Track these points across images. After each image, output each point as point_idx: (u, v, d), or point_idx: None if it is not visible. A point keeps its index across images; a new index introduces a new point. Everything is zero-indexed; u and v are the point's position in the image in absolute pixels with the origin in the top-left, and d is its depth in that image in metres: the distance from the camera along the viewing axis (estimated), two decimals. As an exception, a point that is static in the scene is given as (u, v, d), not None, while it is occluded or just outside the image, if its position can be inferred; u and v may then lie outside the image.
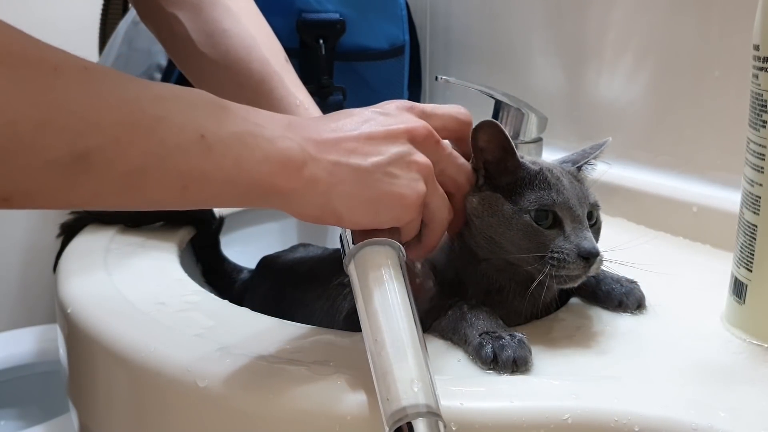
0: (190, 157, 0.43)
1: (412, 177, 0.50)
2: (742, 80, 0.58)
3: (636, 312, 0.61)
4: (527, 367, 0.51)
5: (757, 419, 0.47)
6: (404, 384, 0.43)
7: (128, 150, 0.41)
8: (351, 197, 0.48)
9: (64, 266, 0.73)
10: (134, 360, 0.55)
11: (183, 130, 0.43)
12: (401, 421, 0.41)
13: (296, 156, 0.46)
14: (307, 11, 1.01)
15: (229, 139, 0.44)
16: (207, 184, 0.44)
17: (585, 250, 0.53)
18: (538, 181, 0.56)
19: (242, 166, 0.45)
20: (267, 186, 0.46)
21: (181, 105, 0.44)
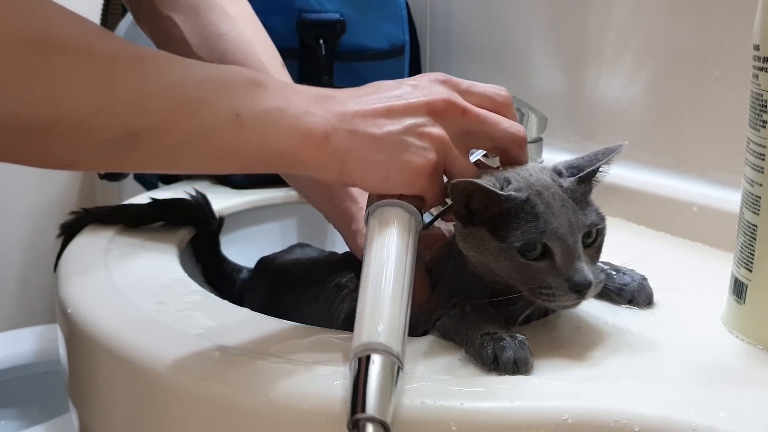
0: (225, 133, 0.48)
1: (423, 146, 0.53)
2: (742, 80, 0.58)
3: (645, 308, 0.61)
4: (527, 368, 0.51)
5: (758, 419, 0.47)
6: (371, 324, 0.47)
7: (172, 130, 0.47)
8: (364, 162, 0.52)
9: (64, 266, 0.73)
10: (134, 360, 0.55)
11: (221, 110, 0.48)
12: (360, 354, 0.46)
13: (318, 129, 0.51)
14: (307, 11, 1.01)
15: (260, 115, 0.49)
16: (239, 156, 0.50)
17: (576, 284, 0.51)
18: (524, 212, 0.52)
19: (270, 140, 0.50)
20: (291, 157, 0.51)
21: (221, 86, 0.49)
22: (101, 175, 1.12)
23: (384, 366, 0.45)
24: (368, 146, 0.52)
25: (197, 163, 0.50)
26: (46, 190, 1.66)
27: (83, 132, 0.44)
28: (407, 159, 0.53)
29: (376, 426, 0.43)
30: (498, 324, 0.54)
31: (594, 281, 0.52)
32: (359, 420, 0.43)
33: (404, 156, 0.53)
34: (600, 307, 0.61)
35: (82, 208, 0.84)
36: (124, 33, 1.08)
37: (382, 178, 0.53)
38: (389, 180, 0.53)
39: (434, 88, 0.55)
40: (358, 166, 0.52)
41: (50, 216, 1.47)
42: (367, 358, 0.45)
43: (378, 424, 0.43)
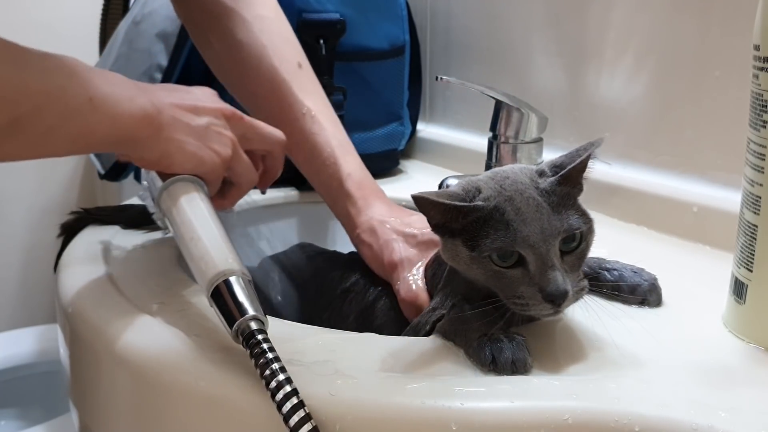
0: (83, 116, 0.53)
1: (224, 142, 0.64)
2: (742, 80, 0.58)
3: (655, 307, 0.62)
4: (526, 368, 0.51)
5: (758, 419, 0.47)
6: (221, 257, 0.55)
7: (45, 116, 0.51)
8: (183, 149, 0.60)
9: (64, 266, 0.73)
10: (134, 360, 0.55)
11: (78, 95, 0.53)
12: (218, 280, 0.52)
13: (151, 111, 0.58)
14: (308, 11, 1.01)
15: (107, 99, 0.55)
16: (91, 137, 0.56)
17: (548, 294, 0.50)
18: (494, 221, 0.52)
19: (116, 121, 0.56)
20: (132, 135, 0.57)
21: (72, 72, 0.53)
22: (101, 175, 1.12)
23: (242, 280, 0.53)
24: (187, 134, 0.61)
25: (58, 147, 0.54)
26: (46, 190, 1.66)
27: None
28: (216, 149, 0.62)
29: (256, 322, 0.50)
30: (496, 325, 0.54)
31: (571, 291, 0.51)
32: (240, 323, 0.50)
33: (213, 146, 0.62)
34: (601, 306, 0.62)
35: (82, 208, 0.84)
36: (124, 33, 1.07)
37: (197, 163, 0.62)
38: (203, 164, 0.62)
39: (214, 98, 0.66)
40: (179, 151, 0.60)
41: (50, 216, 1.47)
42: (218, 287, 0.52)
43: (256, 320, 0.50)
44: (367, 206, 0.74)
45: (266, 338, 0.49)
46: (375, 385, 0.50)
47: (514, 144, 0.81)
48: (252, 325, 0.50)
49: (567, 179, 0.54)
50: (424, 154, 1.17)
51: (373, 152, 1.06)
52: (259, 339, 0.49)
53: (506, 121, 0.81)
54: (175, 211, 0.61)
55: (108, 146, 0.58)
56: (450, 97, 1.15)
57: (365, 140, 1.06)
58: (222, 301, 0.52)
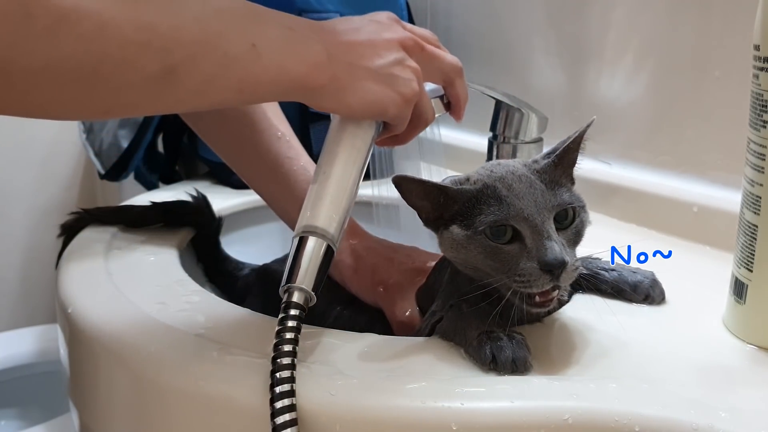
0: (246, 64, 0.49)
1: (409, 77, 0.57)
2: (742, 80, 0.58)
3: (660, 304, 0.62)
4: (526, 367, 0.51)
5: (758, 419, 0.47)
6: (328, 213, 0.53)
7: (201, 63, 0.47)
8: (363, 93, 0.55)
9: (64, 266, 0.73)
10: (134, 360, 0.55)
11: (239, 41, 0.49)
12: (299, 234, 0.52)
13: (323, 58, 0.53)
14: (308, 11, 1.01)
15: (273, 44, 0.51)
16: (258, 86, 0.51)
17: (545, 263, 0.50)
18: (485, 197, 0.53)
19: (284, 68, 0.51)
20: (302, 84, 0.52)
21: (233, 17, 0.50)
22: (101, 175, 1.12)
23: (316, 247, 0.52)
24: (365, 77, 0.55)
25: (221, 96, 0.51)
26: (46, 190, 1.66)
27: (127, 71, 0.44)
28: (400, 90, 0.56)
29: (301, 293, 0.50)
30: (495, 323, 0.54)
31: (569, 261, 0.51)
32: (290, 288, 0.50)
33: (397, 87, 0.56)
34: (600, 307, 0.62)
35: (82, 209, 0.84)
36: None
37: (379, 108, 0.56)
38: (385, 110, 0.56)
39: (395, 26, 0.60)
40: (359, 98, 0.55)
41: (50, 216, 1.47)
42: (304, 239, 0.52)
43: (303, 291, 0.50)
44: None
45: (299, 316, 0.49)
46: (375, 385, 0.50)
47: (514, 144, 0.81)
48: (295, 296, 0.50)
49: (561, 160, 0.55)
50: (424, 154, 1.17)
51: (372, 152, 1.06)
52: (291, 314, 0.49)
53: (506, 121, 0.81)
54: (334, 135, 0.57)
55: (279, 96, 0.54)
56: (450, 97, 1.15)
57: (365, 140, 1.06)
58: (295, 255, 0.52)
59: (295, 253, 0.52)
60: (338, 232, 0.53)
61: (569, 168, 0.56)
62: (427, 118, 0.60)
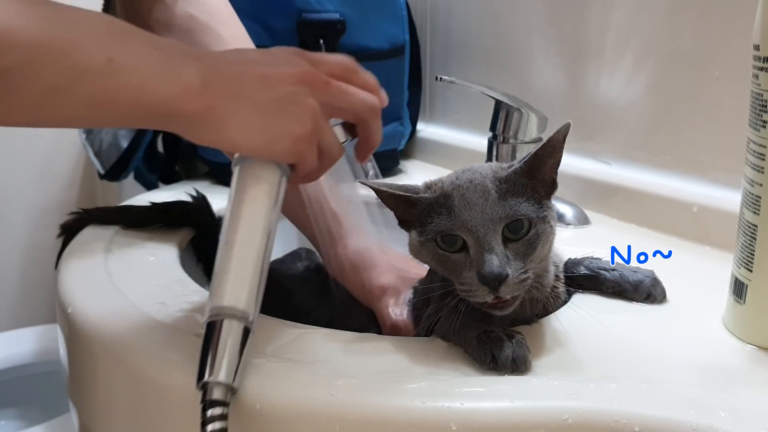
0: (99, 79, 0.46)
1: (301, 114, 0.52)
2: (742, 80, 0.58)
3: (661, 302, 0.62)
4: (527, 366, 0.51)
5: (758, 419, 0.47)
6: (224, 287, 0.48)
7: (41, 71, 0.44)
8: (247, 126, 0.51)
9: (64, 266, 0.73)
10: (134, 360, 0.55)
11: (93, 54, 0.46)
12: (213, 318, 0.48)
13: (196, 82, 0.49)
14: (308, 11, 1.01)
15: (135, 62, 0.47)
16: (113, 106, 0.48)
17: (482, 276, 0.50)
18: (438, 206, 0.54)
19: (146, 89, 0.48)
20: (168, 109, 0.49)
21: (92, 29, 0.47)
22: (101, 175, 1.12)
23: (235, 331, 0.47)
24: (248, 109, 0.51)
25: (67, 110, 0.47)
26: (46, 190, 1.66)
27: None
28: (290, 126, 0.52)
29: (222, 389, 0.46)
30: (493, 321, 0.54)
31: (512, 275, 0.50)
32: (207, 384, 0.46)
33: (287, 122, 0.52)
34: (601, 306, 0.62)
35: (82, 209, 0.84)
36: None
37: (266, 143, 0.52)
38: (273, 146, 0.52)
39: (294, 60, 0.55)
40: (242, 132, 0.51)
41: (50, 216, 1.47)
42: (219, 322, 0.47)
43: (224, 387, 0.46)
44: (353, 232, 0.73)
45: (223, 415, 0.45)
46: (375, 385, 0.50)
47: (514, 144, 0.81)
48: (216, 392, 0.46)
49: (530, 169, 0.54)
50: (424, 154, 1.17)
51: (372, 152, 1.06)
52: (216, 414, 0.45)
53: (506, 121, 0.81)
54: (234, 194, 0.52)
55: (143, 120, 0.50)
56: (450, 97, 1.15)
57: (365, 140, 1.06)
58: (207, 342, 0.47)
59: (205, 342, 0.47)
60: (251, 305, 0.49)
61: (547, 173, 0.55)
62: (332, 155, 0.56)
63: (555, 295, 0.60)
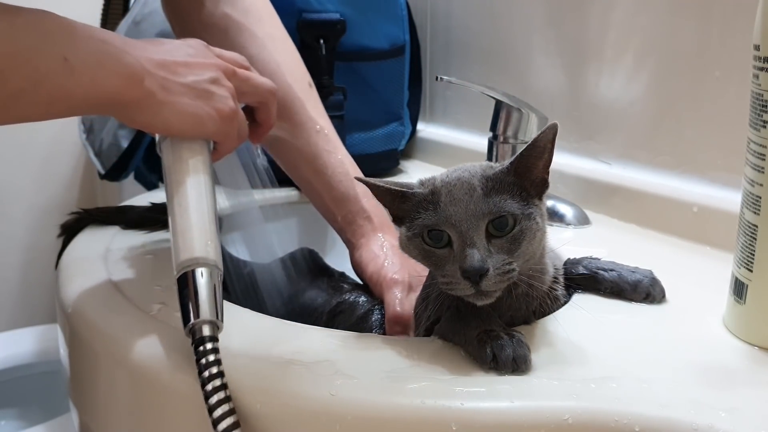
0: (57, 78, 0.50)
1: (225, 95, 0.59)
2: (742, 80, 0.58)
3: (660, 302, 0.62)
4: (527, 365, 0.51)
5: (758, 419, 0.47)
6: (200, 241, 0.53)
7: (10, 77, 0.48)
8: (178, 108, 0.56)
9: (64, 266, 0.73)
10: (134, 360, 0.55)
11: (51, 55, 0.50)
12: (189, 268, 0.52)
13: (138, 71, 0.54)
14: (308, 11, 1.01)
15: (86, 58, 0.51)
16: (68, 100, 0.52)
17: (463, 270, 0.51)
18: (427, 202, 0.55)
19: (97, 81, 0.52)
20: (115, 98, 0.53)
21: (46, 32, 0.50)
22: (101, 175, 1.12)
23: (210, 275, 0.52)
24: (181, 93, 0.56)
25: (30, 111, 0.51)
26: (46, 190, 1.66)
27: None
28: (217, 106, 0.58)
29: (210, 326, 0.50)
30: (494, 321, 0.54)
31: (491, 268, 0.51)
32: (194, 325, 0.49)
33: (214, 104, 0.57)
34: (601, 306, 0.62)
35: (82, 209, 0.84)
36: (124, 33, 1.07)
37: (196, 124, 0.57)
38: (203, 126, 0.57)
39: (204, 51, 0.61)
40: (176, 115, 0.56)
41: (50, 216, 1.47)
42: (186, 274, 0.51)
43: (210, 323, 0.50)
44: (382, 229, 0.75)
45: (215, 348, 0.49)
46: (375, 385, 0.50)
47: (514, 144, 0.81)
48: (205, 330, 0.49)
49: (518, 168, 0.54)
50: (424, 154, 1.17)
51: (373, 152, 1.06)
52: (208, 348, 0.48)
53: (506, 121, 0.81)
54: (173, 166, 0.57)
55: (93, 110, 0.56)
56: (450, 97, 1.15)
57: (365, 140, 1.06)
58: (185, 292, 0.51)
59: (183, 291, 0.51)
60: (218, 255, 0.53)
61: (537, 173, 0.55)
62: (244, 134, 0.62)
63: (553, 297, 0.60)
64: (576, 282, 0.63)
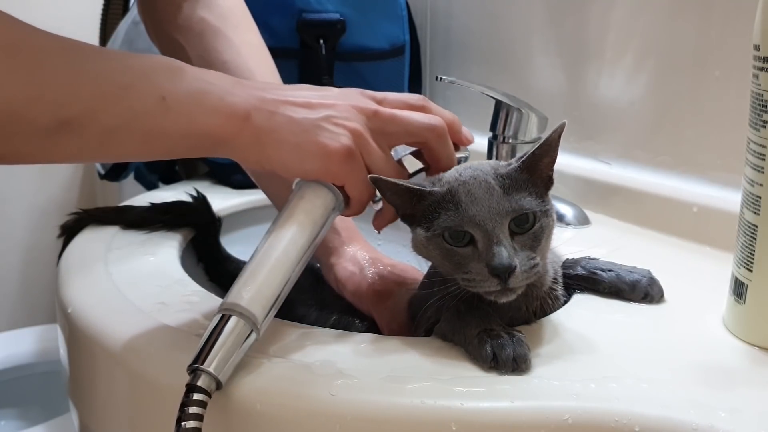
0: (152, 117, 0.50)
1: (337, 131, 0.54)
2: (742, 80, 0.58)
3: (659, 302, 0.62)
4: (527, 365, 0.51)
5: (758, 419, 0.47)
6: (241, 287, 0.51)
7: (101, 116, 0.48)
8: (282, 144, 0.54)
9: (64, 266, 0.73)
10: (134, 360, 0.55)
11: (146, 94, 0.50)
12: (227, 312, 0.49)
13: (241, 109, 0.53)
14: (308, 11, 1.01)
15: (184, 98, 0.51)
16: (165, 139, 0.52)
17: (493, 268, 0.51)
18: (445, 201, 0.54)
19: (195, 120, 0.51)
20: (215, 137, 0.52)
21: (144, 72, 0.51)
22: (101, 175, 1.12)
23: (237, 328, 0.49)
24: (286, 129, 0.53)
25: (126, 148, 0.52)
26: (46, 191, 1.66)
27: (15, 123, 0.46)
28: (321, 141, 0.53)
29: (209, 379, 0.47)
30: (494, 321, 0.54)
31: (518, 265, 0.51)
32: (197, 369, 0.47)
33: (318, 138, 0.53)
34: (601, 306, 0.62)
35: (82, 209, 0.84)
36: (124, 33, 1.07)
37: (298, 161, 0.54)
38: (304, 163, 0.54)
39: (351, 93, 0.58)
40: (277, 149, 0.53)
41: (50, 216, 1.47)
42: (228, 317, 0.49)
43: (212, 378, 0.47)
44: (352, 240, 0.74)
45: (201, 401, 0.46)
46: (375, 385, 0.50)
47: (514, 144, 0.81)
48: (201, 380, 0.47)
49: (529, 166, 0.55)
50: (424, 154, 1.17)
51: (373, 152, 1.06)
52: (193, 398, 0.46)
53: (506, 121, 0.81)
54: (284, 209, 0.55)
55: (192, 148, 0.54)
56: (450, 97, 1.15)
57: (365, 140, 1.06)
58: (210, 333, 0.49)
59: (211, 330, 0.49)
60: (263, 316, 0.50)
61: (544, 170, 0.56)
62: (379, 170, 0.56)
63: (554, 297, 0.60)
64: (575, 282, 0.63)
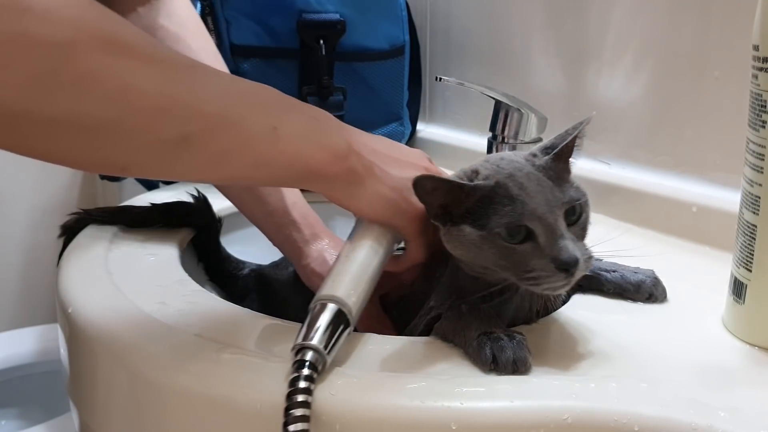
0: (264, 144, 0.52)
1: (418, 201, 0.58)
2: (741, 80, 0.58)
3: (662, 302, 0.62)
4: (527, 368, 0.51)
5: (758, 419, 0.47)
6: (336, 282, 0.54)
7: (219, 136, 0.50)
8: (376, 195, 0.58)
9: (64, 266, 0.73)
10: (134, 360, 0.55)
11: (260, 122, 0.52)
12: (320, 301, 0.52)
13: (343, 149, 0.55)
14: (308, 11, 1.01)
15: (294, 130, 0.53)
16: (272, 167, 0.54)
17: (562, 262, 0.50)
18: (498, 196, 0.53)
19: (301, 154, 0.54)
20: (317, 171, 0.55)
21: (259, 101, 0.53)
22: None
23: (335, 314, 0.51)
24: (382, 181, 0.58)
25: (234, 172, 0.53)
26: (46, 191, 1.66)
27: (143, 132, 0.46)
28: (412, 203, 0.58)
29: (315, 354, 0.48)
30: (495, 323, 0.54)
31: (582, 258, 0.51)
32: (303, 346, 0.49)
33: (410, 199, 0.57)
34: (600, 306, 0.62)
35: (82, 209, 0.84)
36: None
37: (390, 215, 0.58)
38: (395, 218, 0.59)
39: (423, 159, 0.65)
40: (369, 197, 0.57)
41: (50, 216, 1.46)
42: (323, 304, 0.51)
43: (316, 352, 0.49)
44: (315, 237, 0.74)
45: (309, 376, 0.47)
46: (375, 385, 0.50)
47: (514, 144, 0.81)
48: (308, 355, 0.48)
49: (560, 157, 0.55)
50: (424, 154, 1.17)
51: (373, 152, 1.06)
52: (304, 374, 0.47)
53: (506, 121, 0.81)
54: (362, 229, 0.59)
55: (295, 179, 0.56)
56: (450, 97, 1.15)
57: (365, 140, 1.06)
58: (309, 318, 0.51)
59: (312, 316, 0.51)
60: (356, 309, 0.53)
61: (567, 161, 0.56)
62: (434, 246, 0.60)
63: (556, 295, 0.60)
64: (578, 283, 0.63)
